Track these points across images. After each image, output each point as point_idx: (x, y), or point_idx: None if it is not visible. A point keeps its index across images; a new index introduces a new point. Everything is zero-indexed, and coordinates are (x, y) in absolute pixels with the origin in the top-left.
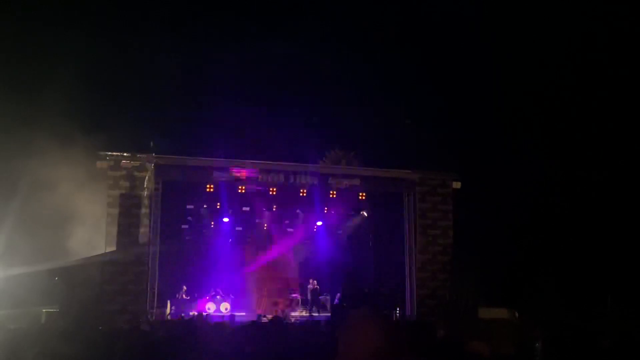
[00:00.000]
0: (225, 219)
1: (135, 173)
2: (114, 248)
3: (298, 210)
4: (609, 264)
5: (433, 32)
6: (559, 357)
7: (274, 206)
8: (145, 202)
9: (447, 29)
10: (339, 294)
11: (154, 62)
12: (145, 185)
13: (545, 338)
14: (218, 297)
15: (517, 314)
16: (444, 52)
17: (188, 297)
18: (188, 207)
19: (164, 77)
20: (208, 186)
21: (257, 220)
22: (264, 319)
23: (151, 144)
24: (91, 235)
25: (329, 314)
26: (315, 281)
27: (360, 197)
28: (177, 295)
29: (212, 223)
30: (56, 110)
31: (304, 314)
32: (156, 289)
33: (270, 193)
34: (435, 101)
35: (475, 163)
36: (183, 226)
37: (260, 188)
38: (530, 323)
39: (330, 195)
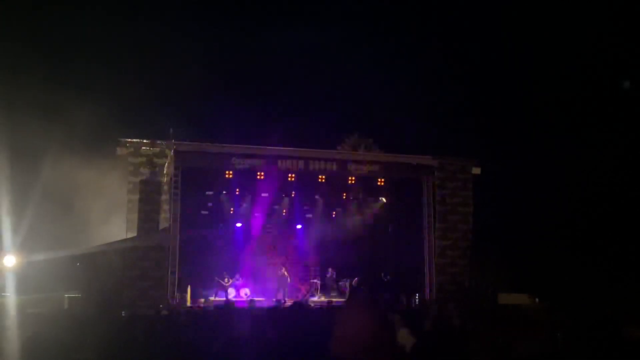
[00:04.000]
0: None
1: (155, 159)
2: (134, 234)
3: (317, 197)
4: (630, 250)
5: (454, 18)
6: (582, 342)
7: (293, 192)
8: (165, 188)
9: (467, 15)
10: (356, 279)
11: (174, 49)
12: (165, 172)
13: (568, 323)
14: (238, 282)
15: (537, 300)
16: (464, 38)
17: (229, 283)
18: (207, 193)
19: (183, 64)
20: (227, 173)
21: (276, 206)
22: (285, 304)
23: (170, 130)
24: (112, 221)
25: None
26: (332, 271)
27: (379, 183)
28: (226, 281)
29: (232, 209)
30: (76, 98)
31: (323, 299)
32: (176, 274)
33: (289, 179)
34: (455, 87)
35: (495, 148)
36: (202, 212)
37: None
38: (551, 309)
39: (349, 182)
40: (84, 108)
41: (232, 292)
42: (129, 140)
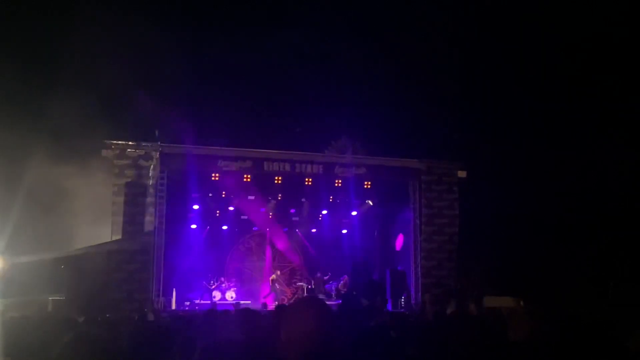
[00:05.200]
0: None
1: (141, 162)
2: (119, 236)
3: (303, 199)
4: (616, 253)
5: (439, 20)
6: (567, 345)
7: (279, 195)
8: (151, 190)
9: (452, 18)
10: (342, 281)
11: (159, 50)
12: (150, 174)
13: (553, 327)
14: (224, 285)
15: (522, 303)
16: (450, 39)
17: (214, 286)
18: (193, 195)
19: (169, 66)
20: (213, 175)
21: (262, 209)
22: (270, 307)
23: (156, 132)
24: (97, 223)
25: (335, 302)
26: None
27: (365, 186)
28: (212, 284)
29: (218, 212)
30: (61, 99)
31: None
32: (162, 277)
33: (276, 182)
34: (441, 90)
35: (480, 152)
36: (188, 215)
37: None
38: (536, 312)
39: (336, 184)
40: (69, 109)
41: (217, 295)
42: (114, 142)
